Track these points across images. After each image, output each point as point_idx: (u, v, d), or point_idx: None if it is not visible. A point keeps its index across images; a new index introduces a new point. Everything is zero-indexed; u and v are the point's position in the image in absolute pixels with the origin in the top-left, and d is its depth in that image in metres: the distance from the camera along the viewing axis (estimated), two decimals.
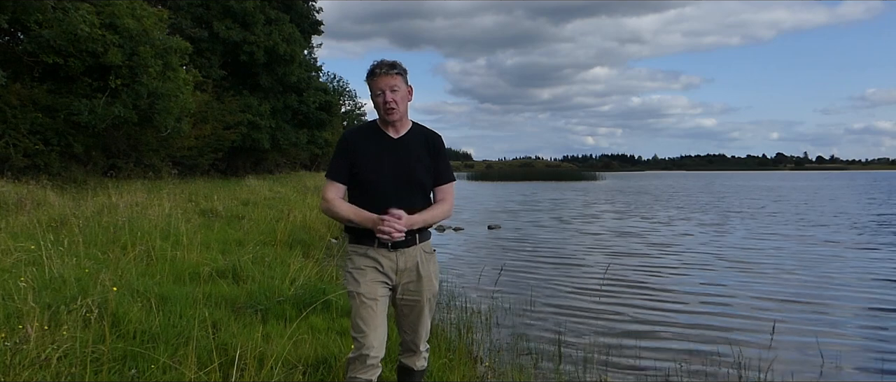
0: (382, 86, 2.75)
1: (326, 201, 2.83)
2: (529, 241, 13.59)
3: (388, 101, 2.74)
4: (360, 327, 2.74)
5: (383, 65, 2.77)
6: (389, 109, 2.76)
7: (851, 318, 6.69)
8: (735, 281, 8.68)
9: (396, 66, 2.79)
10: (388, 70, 2.76)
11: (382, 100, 2.75)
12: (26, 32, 13.84)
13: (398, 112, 2.78)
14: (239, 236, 8.92)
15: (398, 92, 2.77)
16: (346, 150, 2.84)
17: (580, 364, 4.90)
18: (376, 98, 2.78)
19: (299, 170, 45.14)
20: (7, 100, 13.14)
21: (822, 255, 11.27)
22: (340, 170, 2.83)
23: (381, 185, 2.77)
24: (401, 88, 2.78)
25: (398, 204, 2.74)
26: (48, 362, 3.14)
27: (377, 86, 2.76)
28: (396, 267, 2.81)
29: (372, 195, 2.77)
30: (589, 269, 9.57)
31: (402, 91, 2.79)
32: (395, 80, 2.76)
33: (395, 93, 2.76)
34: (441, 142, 2.94)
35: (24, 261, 5.34)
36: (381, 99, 2.75)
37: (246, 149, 28.46)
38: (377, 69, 2.77)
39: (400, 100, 2.78)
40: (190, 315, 4.27)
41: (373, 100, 2.81)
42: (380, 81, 2.75)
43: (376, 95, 2.78)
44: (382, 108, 2.77)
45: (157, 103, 15.47)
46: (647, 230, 16.06)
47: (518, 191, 43.84)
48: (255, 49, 26.51)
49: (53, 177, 13.58)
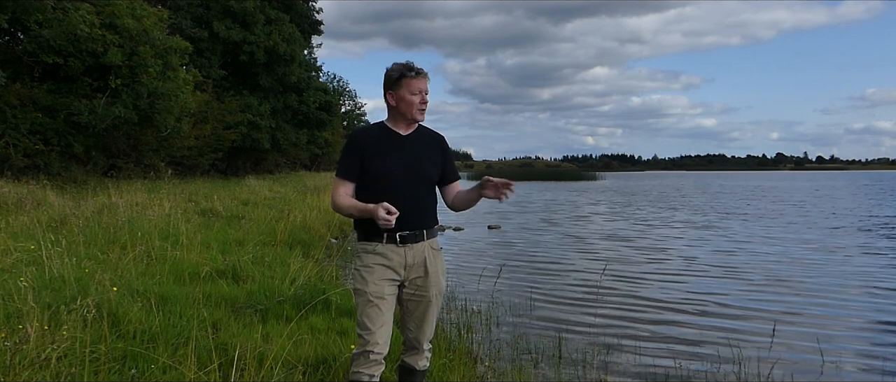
0: (422, 87, 2.89)
1: (333, 198, 2.90)
2: (529, 241, 13.58)
3: (424, 100, 2.89)
4: (366, 324, 2.79)
5: (422, 69, 2.92)
6: (422, 110, 2.90)
7: (852, 319, 6.69)
8: (735, 282, 8.68)
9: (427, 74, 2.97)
10: (426, 74, 2.92)
11: (419, 99, 2.88)
12: (26, 32, 13.85)
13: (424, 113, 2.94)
14: (239, 236, 8.92)
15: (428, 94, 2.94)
16: (357, 148, 2.90)
17: (580, 364, 4.90)
18: (412, 96, 2.87)
19: (299, 169, 45.16)
20: (7, 100, 13.14)
21: (822, 255, 11.27)
22: (350, 168, 2.89)
23: (392, 179, 2.84)
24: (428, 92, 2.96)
25: (408, 198, 2.81)
26: (48, 362, 3.14)
27: (416, 86, 2.87)
28: (405, 261, 2.85)
29: (382, 189, 2.81)
30: (589, 269, 9.57)
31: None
32: (427, 84, 2.93)
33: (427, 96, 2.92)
34: (447, 143, 3.09)
35: (24, 261, 5.34)
36: (419, 98, 2.88)
37: (246, 149, 28.47)
38: (417, 70, 2.90)
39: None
40: (190, 315, 4.27)
41: (404, 98, 2.87)
42: (420, 82, 2.89)
43: (413, 94, 2.87)
44: (415, 107, 2.88)
45: (157, 103, 15.48)
46: (647, 230, 16.07)
47: (518, 190, 43.81)
48: (255, 49, 26.52)
49: (53, 177, 13.58)
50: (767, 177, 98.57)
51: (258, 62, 27.18)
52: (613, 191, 42.92)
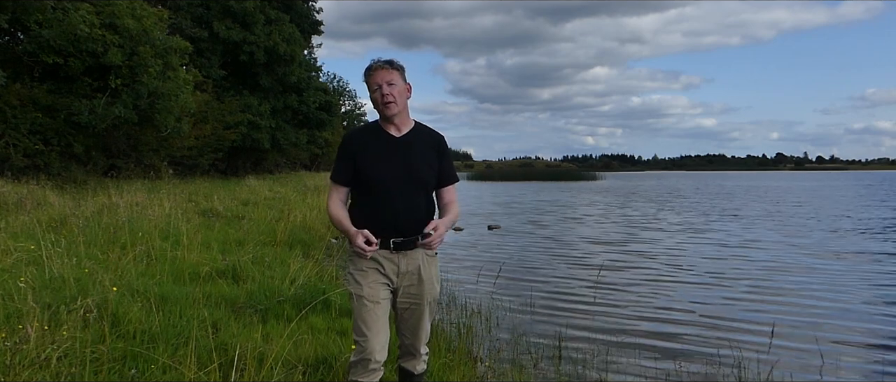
0: (379, 81, 2.72)
1: (328, 205, 2.85)
2: (530, 241, 13.58)
3: (385, 94, 2.71)
4: (362, 330, 2.71)
5: (379, 61, 2.76)
6: (387, 102, 2.72)
7: (851, 319, 6.68)
8: (736, 282, 8.67)
9: (392, 62, 2.77)
10: (383, 65, 2.74)
11: (380, 94, 2.72)
12: (26, 32, 13.85)
13: (396, 106, 2.74)
14: (239, 236, 8.91)
15: (395, 86, 2.73)
16: (349, 151, 2.82)
17: (580, 364, 4.90)
18: (374, 93, 2.75)
19: (299, 170, 45.17)
20: (7, 100, 13.14)
21: (822, 256, 11.26)
22: (343, 172, 2.82)
23: (385, 184, 2.74)
24: (398, 83, 2.75)
25: (402, 203, 2.73)
26: (48, 362, 3.14)
27: (374, 80, 2.74)
28: (398, 269, 2.78)
29: (376, 194, 2.75)
30: (589, 269, 9.56)
31: (399, 86, 2.75)
32: (392, 75, 2.74)
33: (392, 87, 2.72)
34: (445, 143, 2.93)
35: (24, 261, 5.34)
36: (379, 93, 2.72)
37: (246, 149, 28.47)
38: (373, 64, 2.76)
39: (397, 95, 2.74)
40: (190, 315, 4.27)
41: (371, 97, 2.78)
42: (376, 76, 2.73)
43: (373, 91, 2.74)
44: (380, 102, 2.74)
45: (157, 103, 15.48)
46: (646, 230, 16.06)
47: (520, 190, 43.85)
48: (255, 49, 26.52)
49: (53, 176, 13.58)
50: (769, 177, 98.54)
51: (258, 62, 27.18)
52: (613, 192, 42.91)
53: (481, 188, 49.97)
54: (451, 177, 2.92)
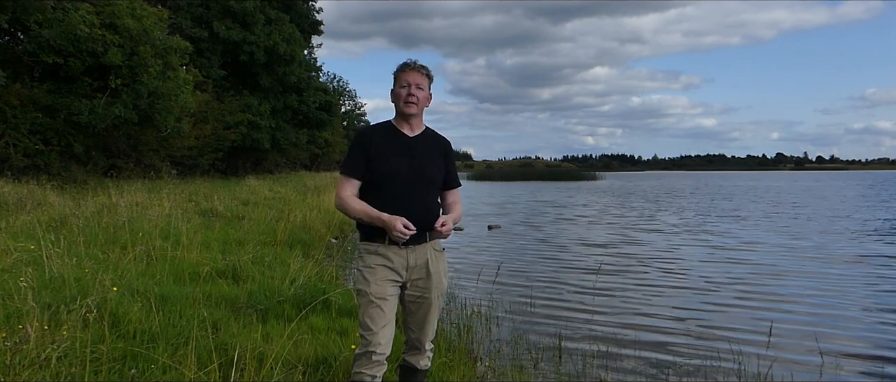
0: (410, 80, 2.84)
1: (340, 198, 2.86)
2: (530, 240, 13.58)
3: (411, 94, 2.82)
4: (368, 325, 2.77)
5: (417, 63, 2.88)
6: (409, 102, 2.83)
7: (851, 319, 6.69)
8: (735, 282, 8.67)
9: (427, 70, 2.90)
10: (419, 68, 2.87)
11: (406, 91, 2.83)
12: (26, 32, 13.85)
13: (416, 107, 2.85)
14: (239, 236, 8.92)
15: (422, 91, 2.86)
16: (363, 146, 2.87)
17: (580, 364, 4.90)
18: (400, 89, 2.84)
19: (299, 169, 45.15)
20: (7, 100, 13.15)
21: (822, 256, 11.26)
22: (356, 166, 2.86)
23: (397, 182, 2.81)
24: (425, 89, 2.88)
25: (412, 201, 2.80)
26: (48, 362, 3.14)
27: (405, 78, 2.84)
28: (407, 264, 2.84)
29: (387, 191, 2.80)
30: (589, 269, 9.56)
31: (425, 92, 2.88)
32: (423, 80, 2.87)
33: (419, 91, 2.84)
34: (451, 147, 3.05)
35: (24, 261, 5.34)
36: (406, 91, 2.83)
37: (246, 148, 28.48)
38: (410, 63, 2.87)
39: (421, 99, 2.86)
40: (190, 315, 4.27)
41: (394, 92, 2.87)
42: (409, 75, 2.84)
43: (401, 87, 2.84)
44: (402, 99, 2.83)
45: (157, 103, 15.48)
46: (646, 230, 16.06)
47: (520, 190, 43.85)
48: (255, 49, 26.53)
49: (53, 177, 13.58)
50: (768, 177, 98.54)
51: (258, 62, 27.19)
52: (613, 192, 42.91)
53: (481, 188, 49.95)
54: (455, 180, 3.05)
